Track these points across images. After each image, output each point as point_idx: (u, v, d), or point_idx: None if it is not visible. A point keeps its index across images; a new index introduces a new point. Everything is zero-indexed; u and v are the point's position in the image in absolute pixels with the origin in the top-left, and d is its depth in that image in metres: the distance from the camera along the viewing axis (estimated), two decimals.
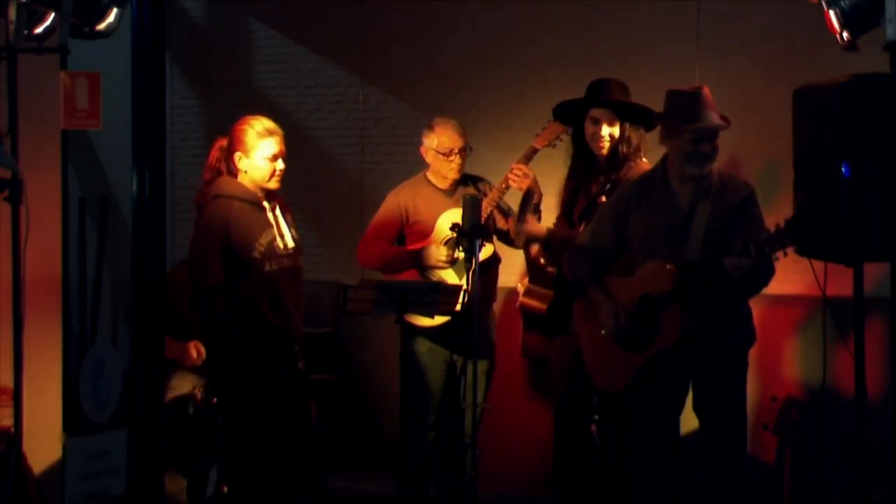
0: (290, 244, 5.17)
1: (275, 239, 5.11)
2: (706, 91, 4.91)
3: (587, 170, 5.47)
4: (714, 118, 4.86)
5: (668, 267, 4.80)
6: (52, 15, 4.28)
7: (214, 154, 5.20)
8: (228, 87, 7.45)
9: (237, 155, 5.10)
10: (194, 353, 5.74)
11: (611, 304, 4.92)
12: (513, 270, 6.57)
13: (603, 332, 4.94)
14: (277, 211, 5.18)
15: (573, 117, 5.52)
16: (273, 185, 5.12)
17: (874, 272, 4.67)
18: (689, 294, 4.77)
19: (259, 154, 5.08)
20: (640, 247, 4.92)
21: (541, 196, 5.60)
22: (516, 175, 5.53)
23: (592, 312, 5.00)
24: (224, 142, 5.17)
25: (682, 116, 4.85)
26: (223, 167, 5.17)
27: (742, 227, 4.78)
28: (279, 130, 5.14)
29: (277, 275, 5.08)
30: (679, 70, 6.20)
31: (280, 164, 5.10)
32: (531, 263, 5.56)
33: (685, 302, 4.78)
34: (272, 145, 5.09)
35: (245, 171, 5.11)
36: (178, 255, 7.13)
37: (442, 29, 6.97)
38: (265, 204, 5.13)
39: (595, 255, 5.02)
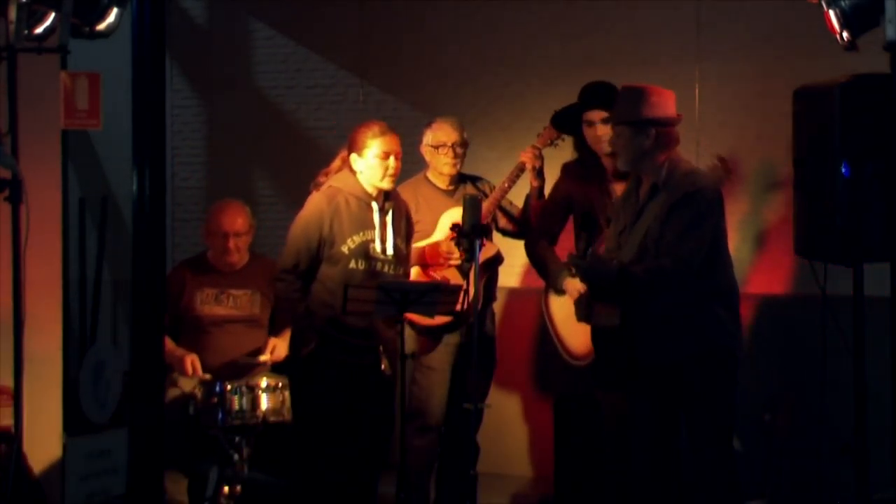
0: (390, 251, 5.24)
1: (372, 241, 5.20)
2: (633, 85, 4.92)
3: (601, 175, 5.47)
4: (615, 113, 4.89)
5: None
6: (52, 15, 4.28)
7: (337, 163, 5.34)
8: (228, 87, 7.45)
9: (353, 156, 5.24)
10: (189, 369, 5.73)
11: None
12: (513, 271, 6.57)
13: None
14: (389, 216, 5.26)
15: (572, 126, 5.55)
16: (386, 184, 5.23)
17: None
18: (599, 294, 4.80)
19: (371, 152, 5.20)
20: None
21: (543, 181, 5.71)
22: (531, 155, 5.60)
23: None
24: (346, 151, 5.32)
25: None
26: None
27: (665, 227, 4.72)
28: (393, 133, 5.27)
29: (364, 275, 5.16)
30: (679, 70, 6.21)
31: (392, 163, 5.20)
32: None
33: (596, 301, 4.83)
34: (383, 143, 5.20)
35: (360, 172, 5.24)
36: (178, 255, 7.13)
37: (442, 29, 6.97)
38: (374, 204, 5.22)
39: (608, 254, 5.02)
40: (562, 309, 5.54)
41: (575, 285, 5.30)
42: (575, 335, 5.42)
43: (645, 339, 4.78)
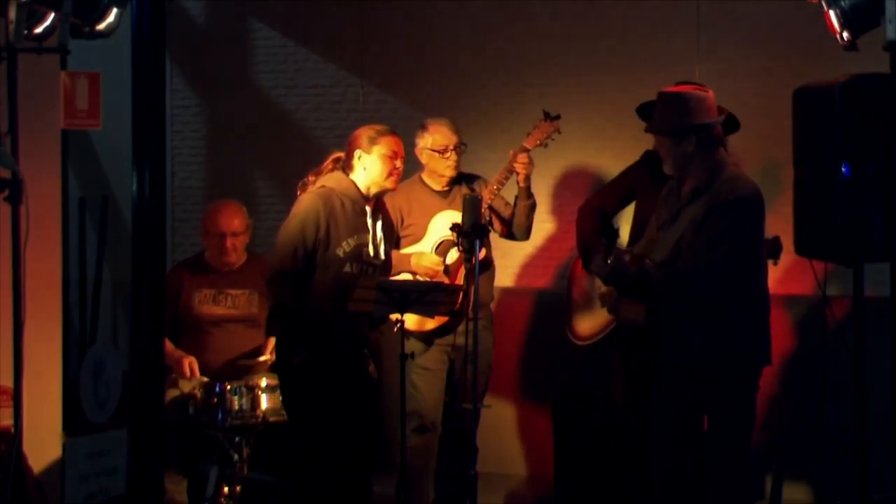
0: (382, 256, 5.24)
1: (366, 245, 5.19)
2: (671, 91, 4.84)
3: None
4: (655, 121, 4.82)
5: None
6: (52, 15, 4.28)
7: (328, 165, 5.32)
8: (228, 87, 7.45)
9: (357, 153, 5.21)
10: (187, 371, 5.73)
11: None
12: (511, 270, 6.58)
13: None
14: (379, 223, 5.26)
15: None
16: (389, 184, 5.23)
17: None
18: (627, 292, 4.78)
19: (378, 151, 5.19)
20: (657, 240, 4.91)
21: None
22: (523, 163, 5.61)
23: None
24: (340, 154, 5.30)
25: None
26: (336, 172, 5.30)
27: (702, 230, 4.66)
28: (398, 135, 5.28)
29: (356, 279, 5.13)
30: (679, 70, 6.19)
31: (399, 163, 5.21)
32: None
33: (627, 298, 4.79)
34: (394, 143, 5.21)
35: (363, 169, 5.21)
36: (178, 254, 7.14)
37: (442, 29, 6.97)
38: (367, 209, 5.21)
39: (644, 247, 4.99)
40: (584, 284, 5.52)
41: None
42: (585, 316, 5.41)
43: (668, 338, 4.73)
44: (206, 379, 5.68)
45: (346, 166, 5.24)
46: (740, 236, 4.64)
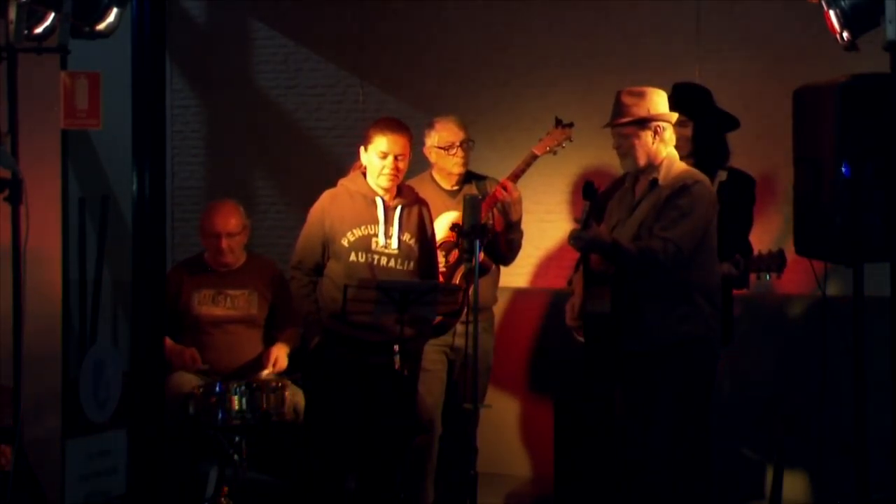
0: (394, 245, 5.24)
1: (375, 235, 5.26)
2: (630, 89, 4.95)
3: None
4: (617, 116, 4.92)
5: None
6: (52, 15, 4.27)
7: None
8: (228, 87, 7.45)
9: (361, 149, 5.35)
10: (189, 360, 5.73)
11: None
12: (520, 271, 6.58)
13: None
14: (398, 211, 5.28)
15: None
16: (383, 182, 5.29)
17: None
18: (594, 280, 4.87)
19: (372, 149, 5.28)
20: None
21: (520, 217, 5.66)
22: (503, 190, 5.64)
23: None
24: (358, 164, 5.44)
25: None
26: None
27: (661, 215, 4.80)
28: (402, 133, 5.27)
29: (365, 269, 5.18)
30: (679, 70, 6.20)
31: (389, 163, 5.25)
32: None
33: (592, 288, 4.88)
34: (384, 143, 5.25)
35: (366, 166, 5.33)
36: (178, 254, 7.14)
37: (442, 29, 6.97)
38: (378, 200, 5.27)
39: None
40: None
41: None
42: None
43: (630, 326, 4.83)
44: (206, 367, 5.70)
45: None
46: (699, 216, 4.81)
